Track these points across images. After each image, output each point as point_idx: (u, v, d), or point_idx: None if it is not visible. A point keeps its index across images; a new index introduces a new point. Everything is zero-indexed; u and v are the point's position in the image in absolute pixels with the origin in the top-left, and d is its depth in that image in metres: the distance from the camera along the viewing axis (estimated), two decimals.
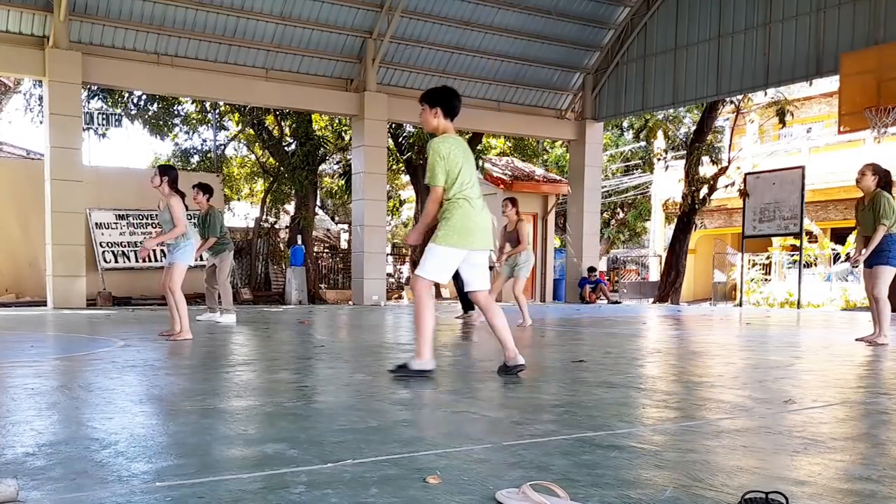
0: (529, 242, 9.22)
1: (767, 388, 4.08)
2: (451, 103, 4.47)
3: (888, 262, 6.48)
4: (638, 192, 29.49)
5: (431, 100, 4.47)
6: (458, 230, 4.29)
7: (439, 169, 4.29)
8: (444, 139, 4.37)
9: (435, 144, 4.33)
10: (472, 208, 4.34)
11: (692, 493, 2.04)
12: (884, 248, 6.46)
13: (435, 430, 2.90)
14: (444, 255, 4.31)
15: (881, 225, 6.42)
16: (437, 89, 4.60)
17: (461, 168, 4.33)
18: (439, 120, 4.46)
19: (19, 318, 9.89)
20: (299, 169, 18.65)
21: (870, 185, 6.59)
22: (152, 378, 4.28)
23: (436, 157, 4.29)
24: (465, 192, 4.32)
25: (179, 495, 1.97)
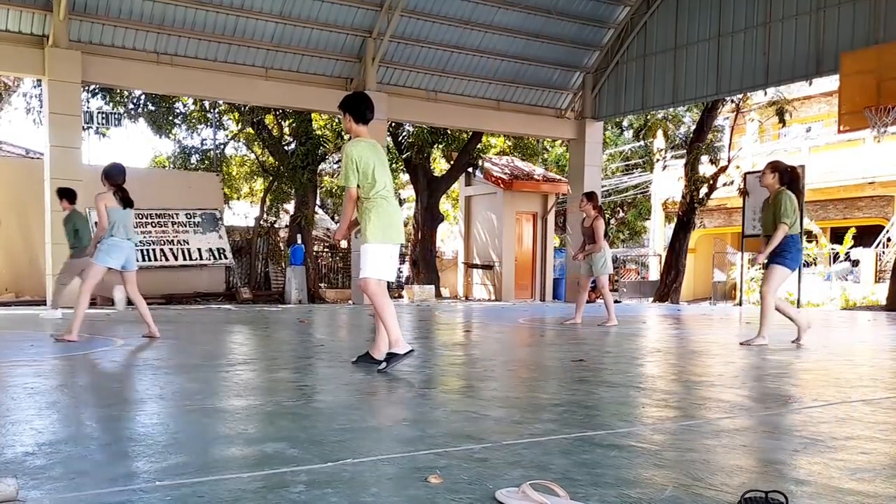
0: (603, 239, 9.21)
1: (767, 388, 4.08)
2: (358, 108, 4.77)
3: (783, 262, 6.30)
4: (638, 191, 29.48)
5: (343, 106, 4.83)
6: (382, 227, 4.58)
7: (350, 171, 4.58)
8: (356, 143, 4.67)
9: (346, 148, 4.65)
10: (389, 205, 4.66)
11: (692, 492, 2.04)
12: (783, 248, 6.28)
13: (435, 429, 2.90)
14: (376, 251, 4.59)
15: (782, 224, 6.21)
16: (349, 95, 4.94)
17: (373, 169, 4.60)
18: (352, 125, 4.78)
19: (19, 318, 9.88)
20: (299, 168, 18.63)
21: (772, 183, 6.40)
22: (152, 378, 4.28)
23: (347, 160, 4.59)
24: (381, 192, 4.61)
25: (179, 495, 1.97)
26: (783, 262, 6.31)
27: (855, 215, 23.29)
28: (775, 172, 6.41)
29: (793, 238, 6.31)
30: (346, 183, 4.63)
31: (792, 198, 6.29)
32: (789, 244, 6.29)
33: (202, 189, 16.50)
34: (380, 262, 4.60)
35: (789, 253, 6.30)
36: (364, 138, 4.76)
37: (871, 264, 20.45)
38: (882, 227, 21.55)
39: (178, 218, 15.59)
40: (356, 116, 4.77)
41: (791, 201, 6.27)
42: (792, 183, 6.41)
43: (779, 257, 6.30)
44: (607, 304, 9.01)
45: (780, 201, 6.26)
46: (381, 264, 4.61)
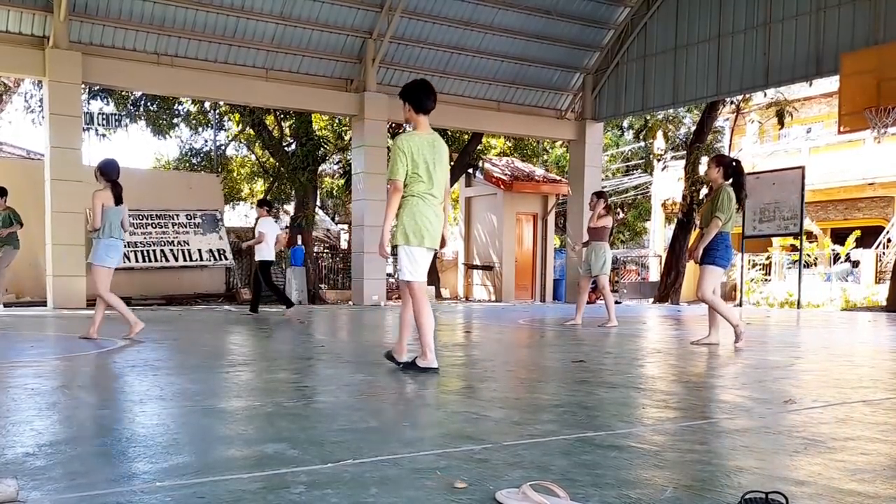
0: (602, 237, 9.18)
1: (767, 388, 4.08)
2: (417, 97, 4.52)
3: (714, 261, 6.23)
4: (638, 192, 29.48)
5: (402, 95, 4.57)
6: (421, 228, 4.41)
7: (400, 163, 4.36)
8: (411, 135, 4.47)
9: (398, 139, 4.46)
10: (428, 208, 4.44)
11: (692, 493, 2.04)
12: (714, 246, 6.20)
13: (435, 430, 2.90)
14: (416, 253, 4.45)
15: (715, 218, 6.10)
16: (409, 84, 4.65)
17: (427, 166, 4.41)
18: (411, 114, 4.55)
19: (19, 318, 9.88)
20: (299, 169, 18.63)
21: (715, 177, 6.30)
22: (152, 378, 4.28)
23: (398, 151, 4.38)
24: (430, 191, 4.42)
25: (179, 495, 1.97)
26: (714, 261, 6.25)
27: (855, 216, 23.30)
28: (720, 167, 6.33)
29: (723, 237, 6.22)
30: (393, 175, 4.38)
31: (730, 194, 6.19)
32: (718, 242, 6.21)
33: (203, 190, 16.50)
34: (421, 264, 4.46)
35: (718, 251, 6.22)
36: (422, 131, 4.52)
37: (871, 265, 20.45)
38: (882, 227, 21.55)
39: (178, 219, 15.59)
40: (415, 105, 4.51)
41: (729, 197, 6.17)
42: (736, 178, 6.29)
43: (709, 257, 6.24)
44: (608, 304, 9.02)
45: (719, 196, 6.17)
46: (422, 267, 4.47)
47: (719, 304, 6.42)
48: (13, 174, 15.12)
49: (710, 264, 6.28)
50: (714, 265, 6.28)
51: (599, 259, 8.95)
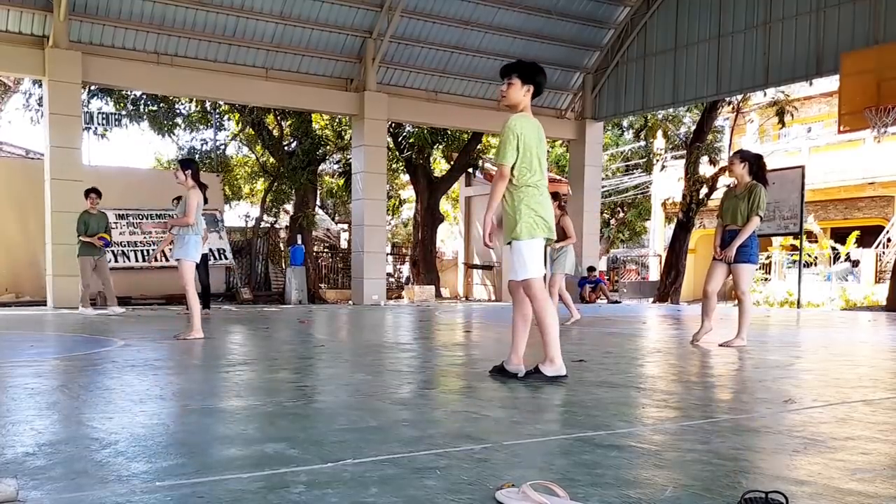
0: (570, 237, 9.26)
1: (767, 388, 4.07)
2: (538, 79, 4.20)
3: (750, 259, 6.23)
4: (638, 191, 29.49)
5: (519, 72, 4.17)
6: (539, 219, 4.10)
7: (510, 147, 4.02)
8: (523, 117, 4.14)
9: (511, 121, 4.08)
10: (543, 197, 4.13)
11: (692, 493, 2.04)
12: (749, 244, 6.19)
13: (435, 430, 2.90)
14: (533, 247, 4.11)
15: (756, 216, 6.10)
16: (527, 62, 4.29)
17: (535, 153, 4.08)
18: (525, 98, 4.19)
19: (19, 318, 9.89)
20: (299, 169, 18.63)
21: (741, 172, 6.27)
22: (152, 378, 4.28)
23: (509, 133, 4.04)
24: (539, 181, 4.11)
25: (179, 495, 1.97)
26: (749, 259, 6.24)
27: (855, 215, 23.31)
28: (745, 162, 6.30)
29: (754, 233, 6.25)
30: (502, 160, 4.03)
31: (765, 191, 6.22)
32: (752, 240, 6.23)
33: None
34: (538, 258, 4.09)
35: (752, 249, 6.24)
36: (531, 115, 4.20)
37: (871, 265, 20.45)
38: (882, 227, 21.56)
39: None
40: (537, 88, 4.18)
41: (765, 194, 6.20)
42: (760, 170, 6.29)
43: (744, 255, 6.21)
44: (566, 302, 9.06)
45: (758, 195, 6.13)
46: (539, 261, 4.10)
47: (748, 304, 6.43)
48: (13, 174, 15.14)
49: (748, 262, 6.26)
50: (751, 263, 6.29)
51: (562, 257, 9.02)
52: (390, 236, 27.24)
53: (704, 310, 6.59)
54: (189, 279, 6.64)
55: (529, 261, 4.08)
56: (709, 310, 6.54)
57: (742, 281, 6.29)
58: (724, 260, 6.28)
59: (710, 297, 6.52)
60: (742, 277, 6.28)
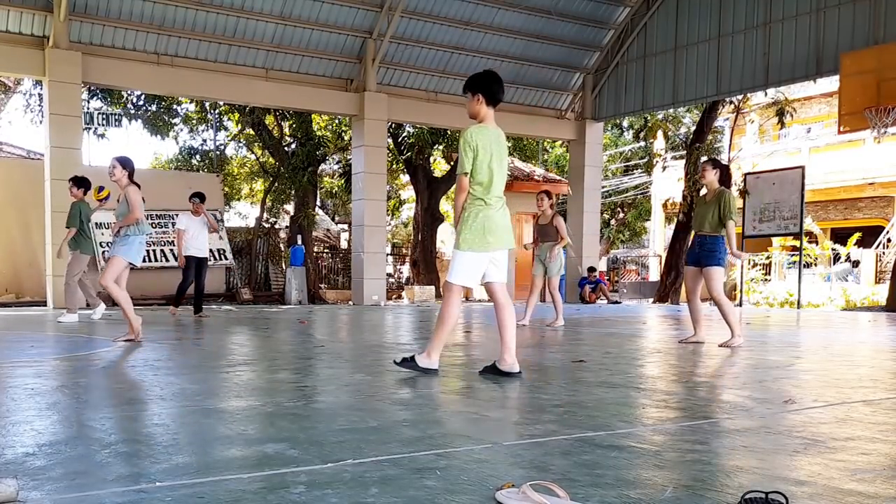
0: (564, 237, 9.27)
1: (767, 388, 4.08)
2: (491, 88, 4.32)
3: (720, 262, 6.40)
4: (638, 192, 29.49)
5: (473, 86, 4.34)
6: (482, 232, 4.23)
7: (467, 158, 4.19)
8: (480, 128, 4.28)
9: (467, 131, 4.24)
10: (490, 207, 4.25)
11: (692, 493, 2.04)
12: (718, 248, 6.38)
13: (435, 430, 2.90)
14: (468, 260, 4.28)
15: (731, 220, 6.31)
16: (479, 74, 4.44)
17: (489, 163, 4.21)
18: (481, 107, 4.32)
19: (19, 319, 9.88)
20: (299, 169, 18.63)
21: (713, 179, 6.47)
22: (152, 378, 4.28)
23: (465, 144, 4.20)
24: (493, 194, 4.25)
25: (179, 496, 1.97)
26: (719, 263, 6.41)
27: (855, 216, 23.31)
28: (716, 169, 6.53)
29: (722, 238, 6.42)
30: (461, 170, 4.20)
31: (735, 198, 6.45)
32: (722, 244, 6.41)
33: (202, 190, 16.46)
34: (471, 270, 4.29)
35: (721, 254, 6.41)
36: (490, 125, 4.32)
37: (871, 265, 20.45)
38: (882, 227, 21.56)
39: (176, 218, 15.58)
40: (489, 97, 4.30)
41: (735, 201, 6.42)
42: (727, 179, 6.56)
43: (713, 258, 6.40)
44: (556, 304, 9.03)
45: (727, 200, 6.36)
46: (471, 273, 4.30)
47: (727, 305, 6.52)
48: (13, 174, 15.14)
49: (717, 265, 6.41)
50: (720, 266, 6.43)
51: (556, 261, 9.00)
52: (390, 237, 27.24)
53: (693, 318, 6.74)
54: (112, 275, 6.39)
55: (459, 269, 4.30)
56: (697, 318, 6.68)
57: (714, 284, 6.41)
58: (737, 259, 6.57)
59: (691, 301, 6.70)
60: (713, 280, 6.41)
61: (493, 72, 4.48)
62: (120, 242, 6.50)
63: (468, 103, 4.38)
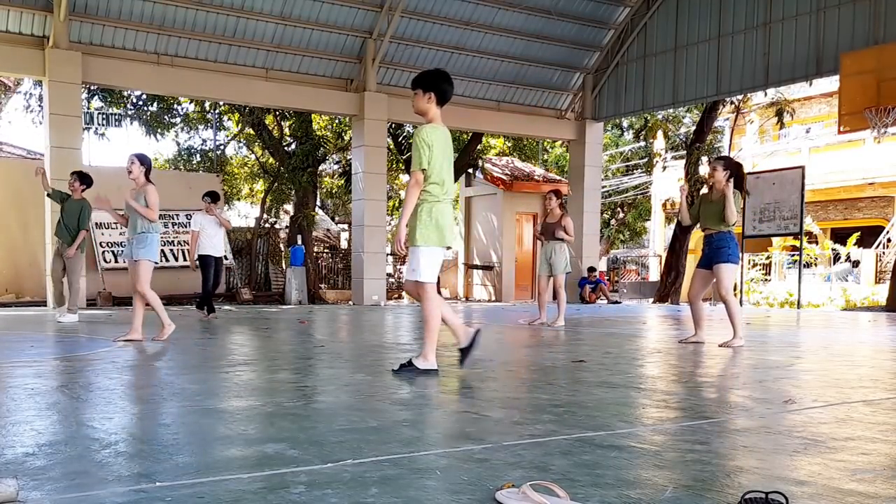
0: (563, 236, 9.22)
1: (767, 388, 4.07)
2: (441, 87, 4.39)
3: (730, 259, 6.36)
4: (638, 192, 29.48)
5: (422, 83, 4.39)
6: (438, 228, 4.31)
7: (424, 155, 4.22)
8: (434, 127, 4.35)
9: (422, 130, 4.30)
10: (442, 203, 4.34)
11: (692, 493, 2.04)
12: (725, 245, 6.33)
13: (435, 430, 2.90)
14: (431, 254, 4.35)
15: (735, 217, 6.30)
16: (428, 72, 4.52)
17: (440, 163, 4.29)
18: (431, 105, 4.38)
19: (19, 318, 9.88)
20: (299, 169, 18.63)
21: (722, 178, 6.40)
22: (152, 378, 4.28)
23: (421, 142, 4.23)
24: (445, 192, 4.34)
25: (179, 495, 1.97)
26: (730, 259, 6.37)
27: (855, 216, 23.30)
28: (727, 170, 6.44)
29: (732, 234, 6.42)
30: (417, 167, 4.24)
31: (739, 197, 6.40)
32: (731, 241, 6.38)
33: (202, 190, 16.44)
34: (434, 265, 4.36)
35: (732, 249, 6.38)
36: (440, 124, 4.39)
37: (871, 265, 20.45)
38: (882, 227, 21.55)
39: (178, 219, 15.60)
40: (440, 96, 4.36)
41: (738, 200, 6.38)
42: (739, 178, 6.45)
43: (722, 255, 6.35)
44: (560, 304, 9.00)
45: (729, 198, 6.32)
46: (435, 267, 4.37)
47: (734, 305, 6.48)
48: (13, 174, 15.14)
49: (727, 262, 6.37)
50: (731, 262, 6.39)
51: (561, 258, 8.97)
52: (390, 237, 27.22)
53: (694, 318, 6.72)
54: (146, 280, 6.42)
55: (424, 266, 4.32)
56: (698, 318, 6.66)
57: (724, 281, 6.38)
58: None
59: (694, 301, 6.67)
60: (724, 277, 6.38)
61: (444, 71, 4.56)
62: (138, 244, 6.42)
63: (416, 99, 4.40)
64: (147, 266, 6.45)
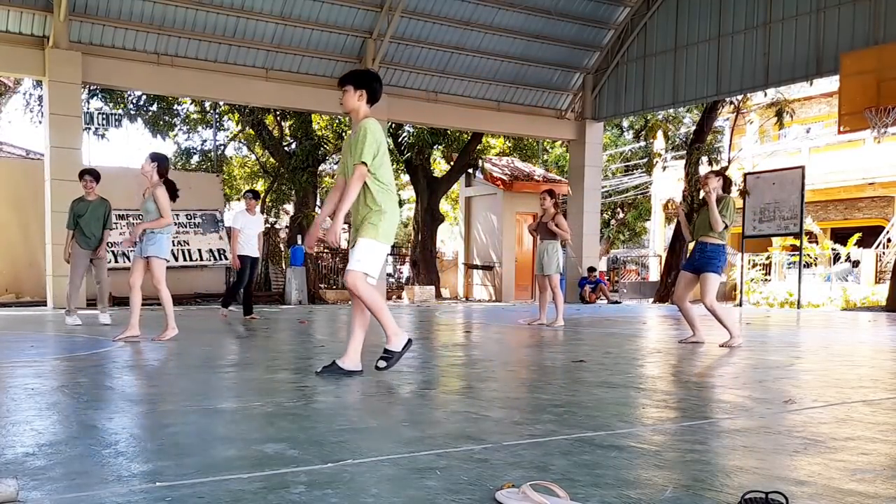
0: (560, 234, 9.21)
1: (767, 388, 4.07)
2: (373, 86, 4.37)
3: (717, 270, 6.44)
4: (638, 192, 29.48)
5: (354, 81, 4.37)
6: (393, 224, 4.28)
7: (372, 148, 4.15)
8: (378, 121, 4.34)
9: (369, 123, 4.23)
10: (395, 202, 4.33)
11: (692, 493, 2.04)
12: (717, 255, 6.41)
13: (435, 430, 2.90)
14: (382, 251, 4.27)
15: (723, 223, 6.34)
16: (361, 71, 4.59)
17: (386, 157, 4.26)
18: (361, 104, 4.35)
19: (19, 318, 9.88)
20: (299, 169, 18.64)
21: (717, 187, 6.52)
22: (152, 378, 4.28)
23: (370, 135, 4.16)
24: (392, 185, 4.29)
25: (179, 495, 1.97)
26: (716, 270, 6.45)
27: (855, 216, 23.30)
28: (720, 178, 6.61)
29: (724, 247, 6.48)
30: (365, 158, 4.12)
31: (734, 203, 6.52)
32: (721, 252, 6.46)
33: (202, 190, 16.49)
34: (381, 262, 4.30)
35: (720, 261, 6.46)
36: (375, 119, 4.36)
37: (871, 265, 20.44)
38: (882, 227, 21.55)
39: (178, 219, 15.57)
40: (371, 95, 4.36)
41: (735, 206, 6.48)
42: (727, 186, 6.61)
43: (711, 265, 6.42)
44: (557, 303, 8.98)
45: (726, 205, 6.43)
46: (381, 264, 4.31)
47: (720, 310, 6.53)
48: (13, 174, 15.14)
49: (713, 272, 6.43)
50: (716, 273, 6.46)
51: (553, 257, 8.96)
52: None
53: (687, 320, 6.77)
54: (162, 278, 6.45)
55: (375, 261, 4.21)
56: (691, 319, 6.70)
57: (709, 290, 6.41)
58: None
59: (681, 304, 6.70)
60: (709, 286, 6.42)
61: (375, 72, 4.62)
62: (149, 241, 6.44)
63: (346, 97, 4.36)
64: (160, 264, 6.49)
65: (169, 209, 6.43)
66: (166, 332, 6.50)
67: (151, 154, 6.65)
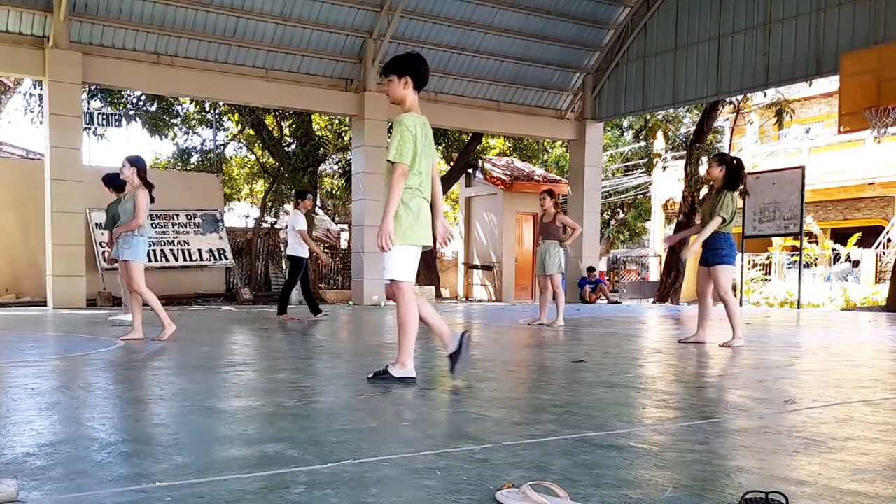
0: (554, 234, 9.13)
1: (767, 388, 4.07)
2: (420, 71, 4.04)
3: (724, 260, 6.36)
4: (638, 192, 29.48)
5: (399, 68, 4.03)
6: (423, 224, 3.98)
7: (408, 144, 3.86)
8: (414, 116, 4.00)
9: (403, 119, 3.94)
10: (425, 200, 4.02)
11: (692, 493, 2.04)
12: (720, 246, 6.34)
13: (435, 430, 2.90)
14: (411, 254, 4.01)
15: (718, 216, 6.24)
16: (407, 55, 4.17)
17: (421, 154, 3.94)
18: (408, 91, 4.05)
19: (19, 318, 9.88)
20: (299, 169, 18.64)
21: (719, 176, 6.41)
22: (152, 378, 4.28)
23: (405, 131, 3.88)
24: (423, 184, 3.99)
25: (179, 495, 1.97)
26: (723, 260, 6.37)
27: (855, 216, 23.30)
28: (722, 165, 6.46)
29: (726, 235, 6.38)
30: (400, 158, 3.83)
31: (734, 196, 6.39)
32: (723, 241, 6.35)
33: (202, 190, 16.51)
34: (414, 264, 4.01)
35: (724, 250, 6.36)
36: (418, 112, 4.03)
37: (871, 265, 20.45)
38: (882, 227, 21.55)
39: (178, 219, 15.60)
40: (417, 81, 4.02)
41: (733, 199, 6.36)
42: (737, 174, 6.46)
43: (717, 256, 6.36)
44: (558, 303, 8.98)
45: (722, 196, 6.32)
46: (414, 267, 4.01)
47: (733, 304, 6.48)
48: (13, 174, 15.14)
49: (722, 263, 6.38)
50: (725, 264, 6.39)
51: (554, 257, 8.96)
52: None
53: (700, 315, 6.71)
54: (140, 280, 6.42)
55: (407, 265, 3.98)
56: (703, 316, 6.65)
57: (721, 282, 6.39)
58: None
59: (702, 298, 6.64)
60: (720, 278, 6.39)
61: (420, 54, 4.20)
62: (124, 244, 6.43)
63: (391, 87, 4.05)
64: (136, 266, 6.46)
65: (144, 211, 6.38)
66: (165, 331, 6.50)
67: (128, 158, 6.60)
